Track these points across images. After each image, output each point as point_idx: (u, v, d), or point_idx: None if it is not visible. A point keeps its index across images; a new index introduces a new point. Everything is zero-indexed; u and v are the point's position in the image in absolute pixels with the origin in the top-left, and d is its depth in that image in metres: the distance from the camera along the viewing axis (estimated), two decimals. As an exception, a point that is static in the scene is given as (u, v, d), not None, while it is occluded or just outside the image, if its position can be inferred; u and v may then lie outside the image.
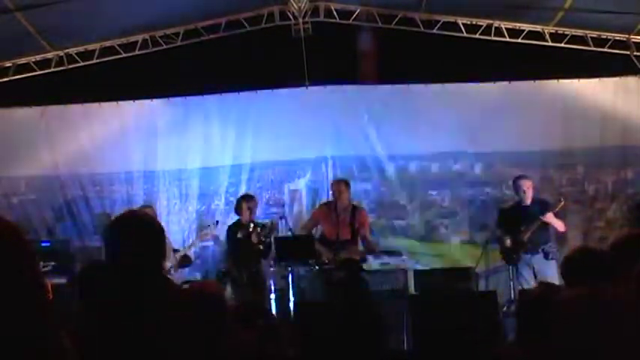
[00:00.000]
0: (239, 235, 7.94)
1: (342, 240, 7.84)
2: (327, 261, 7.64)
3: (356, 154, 9.61)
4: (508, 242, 7.60)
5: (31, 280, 1.46)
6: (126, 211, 2.93)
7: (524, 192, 7.67)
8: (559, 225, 7.65)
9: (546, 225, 7.63)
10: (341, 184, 8.16)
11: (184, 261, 8.21)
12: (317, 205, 8.95)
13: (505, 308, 7.27)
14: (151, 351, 2.37)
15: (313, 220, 8.43)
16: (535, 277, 7.42)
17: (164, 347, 2.38)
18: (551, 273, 7.27)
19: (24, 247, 1.47)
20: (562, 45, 9.50)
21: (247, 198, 8.27)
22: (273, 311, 7.21)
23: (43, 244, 8.57)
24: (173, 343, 2.38)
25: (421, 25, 9.56)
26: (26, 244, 1.49)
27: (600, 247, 3.32)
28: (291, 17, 9.54)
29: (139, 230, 2.53)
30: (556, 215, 7.63)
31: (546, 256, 7.51)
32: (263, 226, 7.99)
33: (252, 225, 7.90)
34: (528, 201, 7.70)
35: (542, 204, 7.77)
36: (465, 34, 9.54)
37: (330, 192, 8.43)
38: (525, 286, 7.31)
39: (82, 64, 9.45)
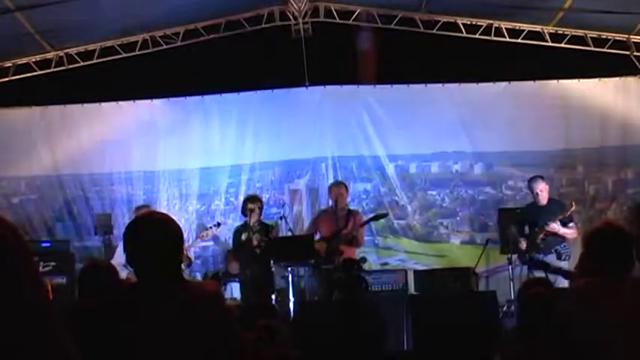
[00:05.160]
0: (243, 238, 7.92)
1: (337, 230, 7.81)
2: (322, 254, 7.60)
3: (356, 154, 9.61)
4: (523, 245, 7.53)
5: (30, 280, 1.46)
6: (146, 212, 2.96)
7: (538, 194, 7.54)
8: (567, 233, 7.41)
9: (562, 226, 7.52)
10: (341, 187, 8.06)
11: (184, 260, 8.19)
12: (316, 212, 8.85)
13: (505, 308, 7.26)
14: (159, 351, 2.38)
15: (314, 226, 8.36)
16: (547, 277, 7.36)
17: (174, 347, 2.38)
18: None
19: (21, 246, 1.47)
20: (562, 45, 9.50)
21: (251, 199, 8.17)
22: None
23: (43, 244, 8.57)
24: (183, 342, 2.38)
25: (421, 25, 9.56)
26: (23, 243, 1.48)
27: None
28: (291, 17, 9.54)
29: (160, 231, 2.52)
30: (569, 218, 7.53)
31: (559, 256, 7.35)
32: (266, 227, 7.95)
33: (254, 227, 7.87)
34: (543, 201, 7.61)
35: (558, 205, 7.63)
36: (465, 34, 9.54)
37: (329, 195, 8.22)
38: None
39: (82, 64, 9.45)
